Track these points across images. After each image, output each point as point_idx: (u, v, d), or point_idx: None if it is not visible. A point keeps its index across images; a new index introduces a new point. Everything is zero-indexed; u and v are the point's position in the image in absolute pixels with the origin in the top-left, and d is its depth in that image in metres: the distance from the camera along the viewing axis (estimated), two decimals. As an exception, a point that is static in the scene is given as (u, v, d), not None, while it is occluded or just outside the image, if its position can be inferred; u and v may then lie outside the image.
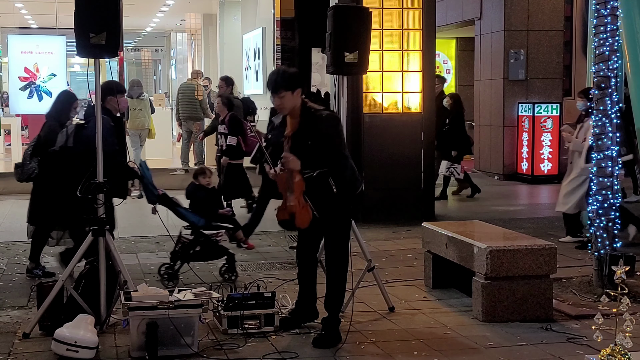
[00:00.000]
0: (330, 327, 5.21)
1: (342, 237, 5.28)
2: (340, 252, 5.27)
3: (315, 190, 5.12)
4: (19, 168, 7.14)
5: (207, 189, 7.33)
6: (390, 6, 10.01)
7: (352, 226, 5.91)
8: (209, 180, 7.34)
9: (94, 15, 5.31)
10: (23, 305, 6.17)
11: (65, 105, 7.23)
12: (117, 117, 6.47)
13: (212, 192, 7.47)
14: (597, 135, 6.41)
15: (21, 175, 7.09)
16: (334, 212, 5.22)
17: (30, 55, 15.90)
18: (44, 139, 7.03)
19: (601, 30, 6.36)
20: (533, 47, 14.59)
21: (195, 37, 25.13)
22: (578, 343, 5.20)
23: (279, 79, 5.11)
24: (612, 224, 6.36)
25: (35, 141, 7.13)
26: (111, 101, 6.48)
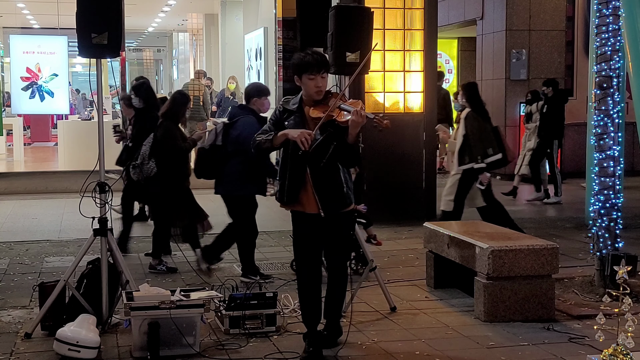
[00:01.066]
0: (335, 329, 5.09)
1: (348, 241, 5.05)
2: (345, 257, 5.05)
3: (324, 186, 4.77)
4: (137, 168, 7.41)
5: None
6: (391, 6, 10.01)
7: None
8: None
9: (96, 15, 5.31)
10: (25, 305, 6.18)
11: (181, 106, 7.50)
12: (262, 117, 6.86)
13: None
14: (599, 135, 6.41)
15: (140, 174, 7.40)
16: (341, 213, 4.86)
17: (32, 55, 15.92)
18: (160, 138, 7.28)
19: (603, 30, 6.36)
20: (535, 47, 14.58)
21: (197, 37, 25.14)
22: (580, 343, 5.19)
23: (324, 59, 4.82)
24: (614, 223, 6.35)
25: (152, 141, 7.35)
26: (256, 102, 6.94)
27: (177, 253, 7.65)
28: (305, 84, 4.77)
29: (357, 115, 4.49)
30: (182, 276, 7.08)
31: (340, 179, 4.79)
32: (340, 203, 4.82)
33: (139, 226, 9.69)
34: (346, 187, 4.82)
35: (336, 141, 4.64)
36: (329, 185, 4.76)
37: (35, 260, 7.91)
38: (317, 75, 4.72)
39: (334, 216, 4.81)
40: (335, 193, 4.78)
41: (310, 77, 4.73)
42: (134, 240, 8.86)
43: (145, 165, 7.31)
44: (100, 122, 5.66)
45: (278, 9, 14.12)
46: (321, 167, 4.70)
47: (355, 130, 4.57)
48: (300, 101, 4.83)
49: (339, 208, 4.83)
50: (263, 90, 7.11)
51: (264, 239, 8.93)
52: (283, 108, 4.87)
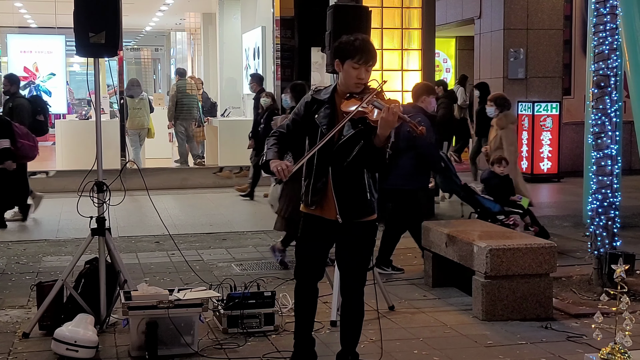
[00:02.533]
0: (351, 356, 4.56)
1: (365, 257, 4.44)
2: (361, 279, 4.45)
3: (344, 189, 4.26)
4: None
5: (500, 176, 8.02)
6: (389, 5, 10.02)
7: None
8: (503, 169, 8.01)
9: (94, 14, 5.30)
10: (23, 304, 6.17)
11: None
12: (430, 114, 7.20)
13: (505, 180, 8.08)
14: (596, 134, 6.41)
15: None
16: (361, 222, 4.31)
17: (29, 54, 15.91)
18: None
19: (600, 29, 6.36)
20: (532, 46, 14.60)
21: (194, 36, 25.11)
22: (578, 342, 5.20)
23: (374, 52, 4.26)
24: (611, 222, 6.36)
25: None
26: (425, 100, 7.22)
27: (175, 252, 7.65)
28: (346, 71, 4.22)
29: (388, 113, 3.98)
30: (181, 276, 7.08)
31: (364, 183, 4.26)
32: (361, 210, 4.28)
33: (137, 225, 9.70)
34: (369, 193, 4.29)
35: (364, 140, 4.13)
36: (351, 189, 4.25)
37: (33, 260, 7.90)
38: (363, 66, 4.19)
39: (351, 224, 4.29)
40: (356, 198, 4.26)
41: (354, 66, 4.18)
42: (132, 240, 8.86)
43: None
44: (98, 121, 5.66)
45: (276, 8, 14.12)
46: (344, 167, 4.22)
47: (384, 131, 4.02)
48: (333, 91, 4.31)
49: (359, 216, 4.29)
50: (431, 89, 7.43)
51: (262, 237, 8.94)
52: (312, 99, 4.33)
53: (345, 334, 4.51)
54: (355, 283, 4.42)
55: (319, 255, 4.44)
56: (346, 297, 4.48)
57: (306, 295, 4.50)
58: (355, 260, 4.38)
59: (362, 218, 4.31)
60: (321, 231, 4.36)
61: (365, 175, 4.27)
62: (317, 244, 4.40)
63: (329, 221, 4.30)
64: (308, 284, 4.48)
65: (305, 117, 4.32)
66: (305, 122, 4.32)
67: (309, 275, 4.46)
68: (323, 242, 4.40)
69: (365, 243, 4.38)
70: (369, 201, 4.29)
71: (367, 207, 4.30)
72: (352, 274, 4.41)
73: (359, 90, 4.22)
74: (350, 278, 4.42)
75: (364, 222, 4.32)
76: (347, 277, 4.43)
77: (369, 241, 4.40)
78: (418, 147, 6.90)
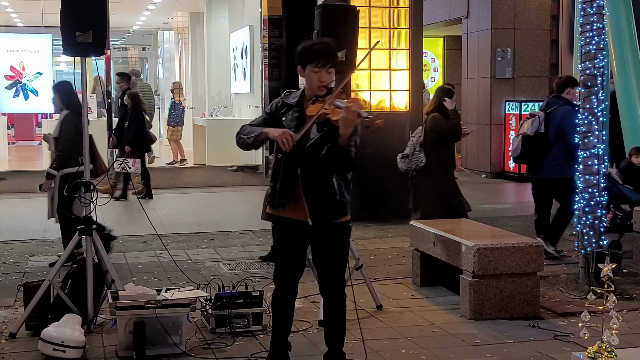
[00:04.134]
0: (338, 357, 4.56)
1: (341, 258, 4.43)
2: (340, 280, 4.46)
3: (314, 191, 4.28)
4: (405, 157, 7.77)
5: (637, 166, 8.21)
6: (377, 5, 10.02)
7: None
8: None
9: (80, 13, 5.28)
10: (10, 305, 6.14)
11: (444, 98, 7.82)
12: (576, 105, 7.23)
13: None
14: (583, 133, 6.44)
15: (409, 164, 7.81)
16: (333, 224, 4.34)
17: (16, 53, 15.83)
18: (428, 130, 7.66)
19: (587, 28, 6.39)
20: (520, 45, 14.63)
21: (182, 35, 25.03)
22: (565, 340, 5.21)
23: (333, 53, 4.27)
24: (598, 221, 6.39)
25: (422, 132, 7.75)
26: (570, 92, 7.56)
27: (162, 252, 7.63)
28: (308, 76, 4.26)
29: (347, 112, 4.01)
30: (168, 275, 7.06)
31: (333, 185, 4.28)
32: (332, 212, 4.30)
33: (124, 225, 9.67)
34: (340, 195, 4.30)
35: (331, 142, 4.16)
36: (320, 191, 4.27)
37: (19, 260, 7.87)
38: (323, 69, 4.21)
39: (323, 226, 4.32)
40: (325, 200, 4.27)
41: (314, 70, 4.22)
42: (119, 240, 8.83)
43: (415, 155, 7.69)
44: (85, 120, 5.63)
45: (264, 7, 14.10)
46: (313, 170, 4.23)
47: (345, 130, 4.05)
48: (301, 95, 4.35)
49: (330, 217, 4.31)
50: (575, 81, 7.62)
51: (249, 237, 8.93)
52: (282, 102, 4.38)
53: (330, 334, 4.52)
54: (334, 284, 4.43)
55: (296, 256, 4.45)
56: (327, 299, 4.51)
57: (285, 297, 4.50)
58: (331, 262, 4.40)
59: (333, 220, 4.33)
60: (294, 233, 4.38)
61: (334, 177, 4.29)
62: (293, 245, 4.42)
63: (300, 222, 4.32)
64: (287, 286, 4.48)
65: (275, 118, 4.36)
66: (274, 123, 4.34)
67: (288, 278, 4.46)
68: (298, 243, 4.42)
69: (339, 244, 4.41)
70: (338, 202, 4.31)
71: (338, 209, 4.32)
72: (329, 276, 4.43)
73: (323, 93, 4.24)
74: (329, 280, 4.44)
75: (336, 224, 4.35)
76: (325, 279, 4.45)
77: (343, 242, 4.43)
78: (565, 137, 7.34)
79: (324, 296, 4.53)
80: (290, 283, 4.48)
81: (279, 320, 4.54)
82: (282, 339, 4.57)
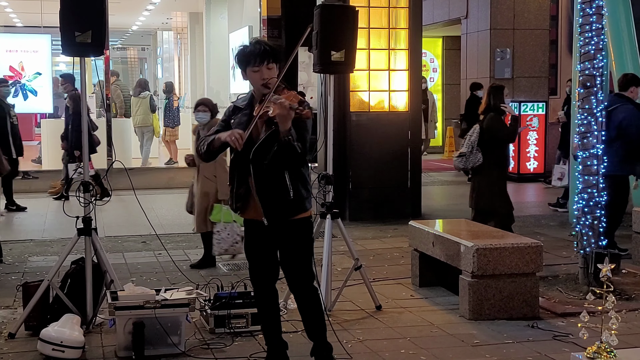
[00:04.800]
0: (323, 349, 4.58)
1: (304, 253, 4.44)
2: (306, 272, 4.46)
3: (266, 190, 4.30)
4: (463, 156, 7.77)
5: None
6: (376, 5, 10.02)
7: (339, 225, 5.92)
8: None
9: (80, 13, 5.28)
10: (9, 305, 6.14)
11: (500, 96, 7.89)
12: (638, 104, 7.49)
13: None
14: (582, 133, 6.44)
15: (465, 163, 7.79)
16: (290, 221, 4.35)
17: (15, 53, 15.82)
18: (486, 129, 7.68)
19: (586, 29, 6.39)
20: (519, 45, 14.64)
21: (181, 35, 25.04)
22: (564, 341, 5.21)
23: (267, 48, 4.29)
24: (597, 221, 6.38)
25: (479, 131, 7.73)
26: (633, 91, 7.59)
27: (161, 252, 7.63)
28: (250, 77, 4.32)
29: (279, 106, 4.03)
30: (167, 275, 7.06)
31: (286, 182, 4.27)
32: (286, 210, 4.31)
33: (123, 225, 9.66)
34: (294, 192, 4.30)
35: (277, 142, 4.16)
36: (273, 190, 4.29)
37: (18, 260, 7.86)
38: (262, 66, 4.25)
39: (281, 224, 4.34)
40: (279, 198, 4.28)
41: (254, 70, 4.26)
42: (118, 240, 8.83)
43: (472, 154, 7.70)
44: (84, 120, 5.63)
45: (263, 7, 14.10)
46: (264, 169, 4.23)
47: (283, 125, 4.07)
48: (250, 97, 4.41)
49: (286, 215, 4.33)
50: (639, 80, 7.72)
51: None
52: (234, 106, 4.46)
53: (310, 329, 4.55)
54: (300, 280, 4.46)
55: (265, 256, 4.47)
56: (297, 294, 4.51)
57: (264, 298, 4.55)
58: (294, 259, 4.42)
59: (289, 217, 4.34)
60: (259, 233, 4.41)
61: (287, 175, 4.28)
62: (260, 245, 4.45)
63: (260, 223, 4.36)
64: (263, 288, 4.53)
65: (228, 122, 4.41)
66: (228, 126, 4.37)
67: (262, 279, 4.51)
68: (264, 243, 4.44)
69: (300, 240, 4.41)
70: (292, 200, 4.30)
71: (293, 206, 4.33)
72: (295, 272, 4.45)
73: (267, 90, 4.24)
74: (295, 276, 4.46)
75: (294, 221, 4.36)
76: (292, 276, 4.47)
77: (303, 238, 4.42)
78: (628, 135, 7.38)
79: (293, 292, 4.55)
80: (265, 284, 4.52)
81: (265, 322, 4.60)
82: (276, 339, 4.59)
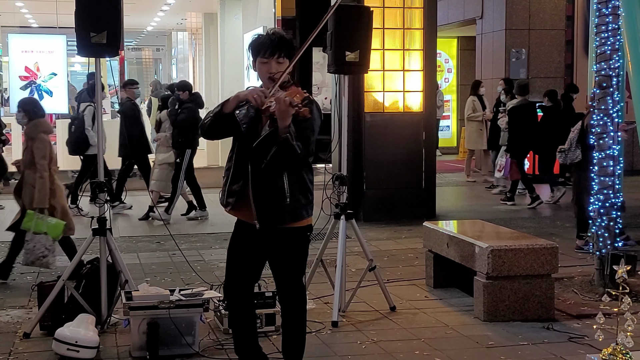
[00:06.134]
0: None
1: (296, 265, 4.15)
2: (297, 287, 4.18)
3: (263, 192, 4.01)
4: (563, 152, 7.92)
5: None
6: (391, 5, 10.00)
7: (353, 225, 5.91)
8: None
9: (95, 14, 5.30)
10: (24, 305, 6.17)
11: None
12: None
13: None
14: (598, 134, 6.41)
15: (565, 159, 7.97)
16: (283, 229, 4.04)
17: (30, 54, 15.89)
18: (585, 127, 7.70)
19: (602, 29, 6.36)
20: (534, 46, 14.59)
21: (196, 36, 25.12)
22: (579, 342, 5.19)
23: (282, 41, 4.04)
24: (613, 223, 6.35)
25: (580, 129, 7.83)
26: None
27: (176, 253, 7.64)
28: (258, 69, 4.09)
29: (279, 102, 3.78)
30: (182, 276, 7.08)
31: (284, 187, 3.98)
32: (280, 216, 4.00)
33: (138, 226, 9.69)
34: (291, 197, 3.99)
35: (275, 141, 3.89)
36: (269, 193, 3.99)
37: (34, 260, 7.88)
38: (271, 59, 4.00)
39: (273, 231, 4.04)
40: (275, 202, 3.98)
41: (263, 61, 4.03)
42: (132, 240, 8.86)
43: (571, 152, 7.83)
44: (99, 121, 5.65)
45: (277, 8, 14.13)
46: (262, 169, 3.95)
47: (282, 122, 3.79)
48: None
49: (279, 222, 4.01)
50: None
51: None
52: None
53: (288, 345, 4.23)
54: (290, 292, 4.17)
55: (247, 262, 4.16)
56: (284, 307, 4.21)
57: (237, 307, 4.24)
58: (283, 270, 4.14)
59: (283, 224, 4.03)
60: (247, 236, 4.13)
61: (285, 179, 3.99)
62: (245, 249, 4.15)
63: (251, 225, 4.07)
64: (236, 295, 4.20)
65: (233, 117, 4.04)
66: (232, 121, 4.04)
67: (237, 284, 4.19)
68: (250, 248, 4.14)
69: (290, 251, 4.10)
70: (288, 206, 3.99)
71: (289, 213, 4.01)
72: (285, 284, 4.16)
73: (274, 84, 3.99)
74: (284, 287, 4.18)
75: (285, 229, 4.05)
76: (281, 286, 4.19)
77: (295, 249, 4.11)
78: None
79: (280, 303, 4.26)
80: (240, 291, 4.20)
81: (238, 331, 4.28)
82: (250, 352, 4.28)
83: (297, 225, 4.07)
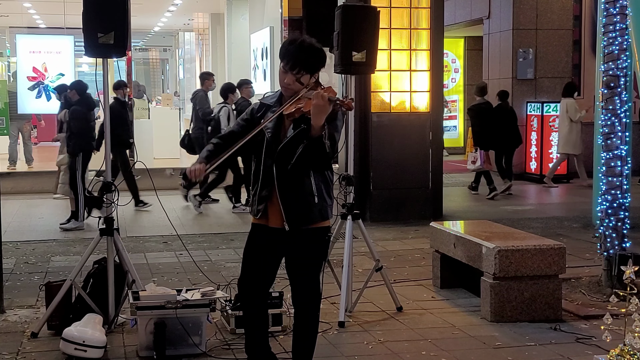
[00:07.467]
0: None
1: (315, 269, 4.14)
2: (314, 293, 4.16)
3: (290, 194, 3.99)
4: None
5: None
6: (398, 5, 10.00)
7: (360, 226, 5.91)
8: None
9: (102, 15, 5.31)
10: (31, 304, 6.18)
11: None
12: None
13: None
14: (606, 134, 6.39)
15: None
16: (309, 229, 4.03)
17: (38, 55, 15.94)
18: None
19: (610, 29, 6.34)
20: (542, 46, 14.56)
21: (202, 36, 25.18)
22: (587, 343, 5.17)
23: (307, 54, 3.97)
24: (621, 223, 6.33)
25: None
26: None
27: (183, 253, 7.65)
28: (279, 72, 4.05)
29: (316, 98, 3.70)
30: (188, 276, 7.09)
31: (312, 187, 3.97)
32: (308, 216, 4.00)
33: (145, 226, 9.70)
34: (317, 197, 3.99)
35: (306, 139, 3.82)
36: (297, 193, 3.98)
37: (41, 260, 7.92)
38: (289, 72, 3.96)
39: (299, 232, 4.02)
40: (302, 203, 3.98)
41: (283, 69, 4.00)
42: (139, 240, 8.88)
43: None
44: (107, 122, 5.66)
45: (284, 8, 14.15)
46: (289, 171, 3.93)
47: (318, 119, 3.71)
48: (280, 96, 4.11)
49: (306, 222, 4.00)
50: None
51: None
52: (260, 103, 4.15)
53: (298, 347, 4.21)
54: (307, 295, 4.13)
55: (264, 267, 4.16)
56: (299, 309, 4.17)
57: (252, 308, 4.25)
58: (303, 271, 4.11)
59: (310, 224, 4.02)
60: (267, 241, 4.12)
61: (312, 179, 3.99)
62: (263, 255, 4.14)
63: (275, 230, 4.05)
64: (252, 297, 4.22)
65: (252, 123, 4.09)
66: (251, 125, 4.08)
67: (252, 288, 4.20)
68: (269, 253, 4.13)
69: (315, 251, 4.11)
70: (317, 205, 4.00)
71: (316, 213, 4.01)
72: (303, 286, 4.12)
73: (288, 94, 4.01)
74: (302, 289, 4.13)
75: (313, 229, 4.04)
76: (299, 288, 4.14)
77: (319, 249, 4.13)
78: None
79: (294, 306, 4.19)
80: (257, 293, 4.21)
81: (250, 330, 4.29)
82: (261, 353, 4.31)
83: (322, 225, 4.09)
